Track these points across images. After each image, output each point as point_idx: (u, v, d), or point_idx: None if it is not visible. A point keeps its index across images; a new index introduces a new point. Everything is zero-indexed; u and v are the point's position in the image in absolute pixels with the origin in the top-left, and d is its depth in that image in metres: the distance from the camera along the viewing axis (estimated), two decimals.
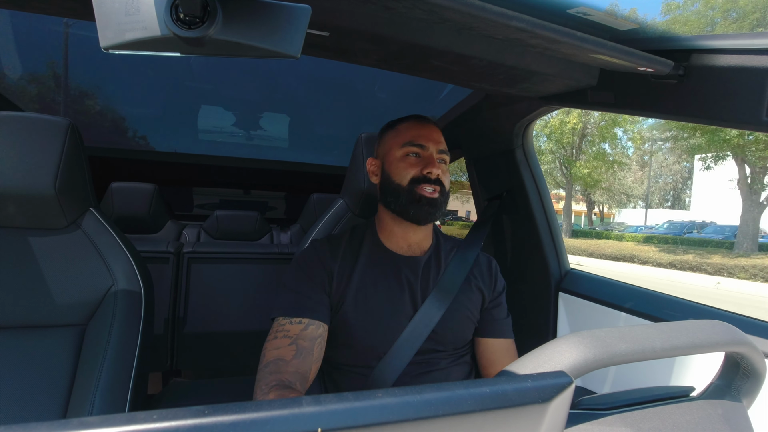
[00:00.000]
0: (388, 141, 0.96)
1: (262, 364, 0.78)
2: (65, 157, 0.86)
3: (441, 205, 0.90)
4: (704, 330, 0.46)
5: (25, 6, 0.69)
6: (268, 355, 0.79)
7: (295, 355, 0.78)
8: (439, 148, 0.93)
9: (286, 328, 0.81)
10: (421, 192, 0.88)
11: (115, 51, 0.40)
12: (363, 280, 0.89)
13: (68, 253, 0.88)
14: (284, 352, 0.78)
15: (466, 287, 0.95)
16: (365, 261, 0.92)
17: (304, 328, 0.81)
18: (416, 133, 0.92)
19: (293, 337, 0.80)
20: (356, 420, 0.27)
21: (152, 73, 2.04)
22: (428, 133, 0.93)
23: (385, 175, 0.94)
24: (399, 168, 0.91)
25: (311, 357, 0.80)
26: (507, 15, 0.63)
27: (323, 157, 2.82)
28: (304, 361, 0.78)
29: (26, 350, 0.81)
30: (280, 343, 0.80)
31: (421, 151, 0.91)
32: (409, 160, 0.91)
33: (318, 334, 0.83)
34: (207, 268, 1.69)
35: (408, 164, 0.90)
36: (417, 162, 0.90)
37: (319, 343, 0.83)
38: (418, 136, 0.92)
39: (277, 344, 0.80)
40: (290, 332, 0.81)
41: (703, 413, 0.47)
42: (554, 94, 1.08)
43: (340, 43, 0.81)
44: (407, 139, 0.92)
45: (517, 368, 0.42)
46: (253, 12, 0.42)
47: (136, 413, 0.24)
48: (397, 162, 0.91)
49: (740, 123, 0.74)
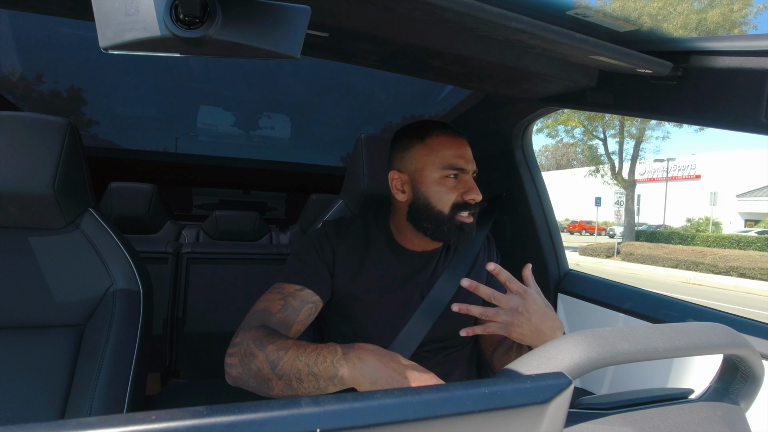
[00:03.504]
0: (419, 157, 0.88)
1: (250, 312, 0.80)
2: (64, 156, 0.86)
3: (475, 225, 0.90)
4: (704, 332, 0.46)
5: (25, 6, 0.69)
6: (257, 305, 0.81)
7: (281, 309, 0.79)
8: (474, 167, 0.89)
9: (282, 286, 0.83)
10: (462, 220, 0.86)
11: (114, 51, 0.40)
12: (374, 274, 0.89)
13: (67, 253, 0.88)
14: (273, 305, 0.80)
15: (471, 275, 0.96)
16: (378, 255, 0.91)
17: (299, 290, 0.83)
18: (455, 153, 0.87)
19: (284, 294, 0.82)
20: (355, 420, 0.27)
21: (152, 73, 2.04)
22: (464, 151, 0.88)
23: (420, 196, 0.88)
24: (439, 192, 0.86)
25: (296, 316, 0.80)
26: (506, 16, 0.63)
27: (323, 157, 2.82)
28: (288, 316, 0.79)
29: (24, 350, 0.81)
30: (271, 297, 0.82)
31: (461, 174, 0.87)
32: (448, 183, 0.86)
33: (310, 300, 0.83)
34: (206, 268, 1.69)
35: (447, 188, 0.86)
36: (456, 185, 0.86)
37: (309, 308, 0.83)
38: (458, 157, 0.87)
39: (268, 297, 0.82)
40: (284, 290, 0.83)
41: (703, 415, 0.47)
42: (553, 95, 1.09)
43: (339, 44, 0.81)
44: (446, 160, 0.86)
45: (519, 367, 0.42)
46: (253, 12, 0.42)
47: (135, 414, 0.24)
48: (436, 185, 0.86)
49: (739, 125, 0.74)
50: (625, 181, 17.18)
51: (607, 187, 19.24)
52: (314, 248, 0.89)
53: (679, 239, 17.78)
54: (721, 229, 21.11)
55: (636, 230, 19.18)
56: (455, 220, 0.86)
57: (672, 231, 19.40)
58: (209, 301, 1.68)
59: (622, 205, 17.70)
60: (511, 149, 1.40)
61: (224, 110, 2.43)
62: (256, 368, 0.66)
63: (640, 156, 17.69)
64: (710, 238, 16.62)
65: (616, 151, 17.50)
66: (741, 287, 10.29)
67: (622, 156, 17.52)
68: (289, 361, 0.64)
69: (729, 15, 10.43)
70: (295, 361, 0.64)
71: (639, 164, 22.80)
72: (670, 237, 18.43)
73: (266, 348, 0.67)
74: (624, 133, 16.69)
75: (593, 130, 16.68)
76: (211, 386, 1.51)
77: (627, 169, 17.32)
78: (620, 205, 17.76)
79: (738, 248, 14.83)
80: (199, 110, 2.41)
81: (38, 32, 1.73)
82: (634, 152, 17.34)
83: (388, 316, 0.88)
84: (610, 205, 19.85)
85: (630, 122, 15.98)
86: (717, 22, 9.62)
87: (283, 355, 0.65)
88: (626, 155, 17.51)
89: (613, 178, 17.37)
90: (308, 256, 0.88)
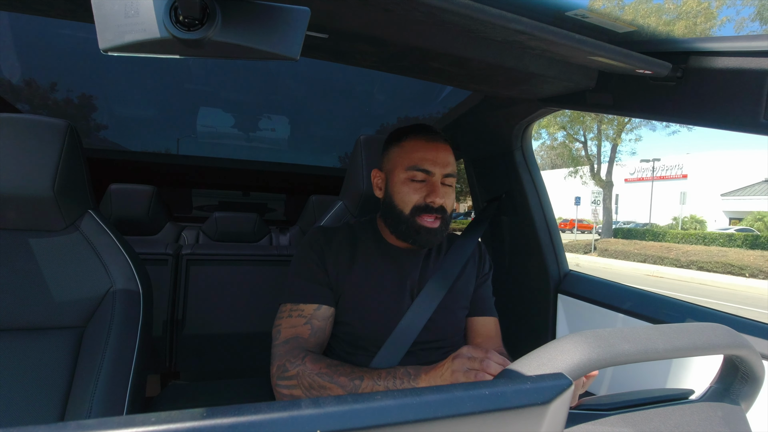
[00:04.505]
0: (393, 157, 0.92)
1: (279, 340, 0.81)
2: (64, 158, 0.86)
3: (442, 231, 0.89)
4: (704, 332, 0.46)
5: (25, 8, 0.69)
6: (285, 332, 0.82)
7: (311, 334, 0.82)
8: (445, 171, 0.88)
9: (300, 308, 0.84)
10: (421, 222, 0.86)
11: (114, 53, 0.40)
12: (363, 272, 0.89)
13: (66, 255, 0.88)
14: (301, 330, 0.82)
15: (461, 278, 0.96)
16: (365, 253, 0.92)
17: (317, 309, 0.85)
18: (422, 155, 0.87)
19: (308, 317, 0.83)
20: (355, 422, 0.27)
21: (151, 74, 2.04)
22: (435, 155, 0.87)
23: (388, 194, 0.91)
24: (401, 193, 0.88)
25: (325, 335, 0.85)
26: (506, 17, 0.63)
27: (322, 158, 2.82)
28: (320, 338, 0.83)
29: (24, 352, 0.81)
30: (295, 322, 0.83)
31: (427, 177, 0.87)
32: (412, 186, 0.87)
33: (329, 314, 0.86)
34: (206, 270, 1.69)
35: (411, 189, 0.87)
36: (420, 188, 0.87)
37: (330, 322, 0.86)
38: (424, 159, 0.87)
39: (292, 323, 0.83)
40: (304, 312, 0.84)
41: (704, 415, 0.47)
42: (553, 96, 1.09)
43: (338, 45, 0.81)
44: (412, 162, 0.87)
45: (519, 367, 0.42)
46: (252, 14, 0.42)
47: (135, 416, 0.24)
48: (400, 185, 0.88)
49: (738, 125, 0.74)
50: (602, 181, 18.07)
51: (585, 187, 20.20)
52: (309, 258, 0.89)
53: (652, 236, 18.52)
54: (705, 227, 21.70)
55: (614, 228, 20.13)
56: (414, 222, 0.86)
57: (646, 229, 20.11)
58: (209, 303, 1.67)
59: (599, 204, 18.47)
60: (511, 150, 1.40)
61: (223, 112, 2.43)
62: None
63: (617, 158, 18.85)
64: (679, 235, 17.47)
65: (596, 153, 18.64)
66: (696, 279, 11.16)
67: (600, 157, 18.60)
68: (367, 388, 0.70)
69: (693, 28, 10.73)
70: (374, 387, 0.70)
71: (627, 164, 23.92)
72: (644, 234, 19.10)
73: (338, 379, 0.72)
74: (602, 135, 17.62)
75: (575, 134, 17.71)
76: (211, 388, 1.51)
77: (606, 170, 18.35)
78: (597, 204, 18.52)
79: (703, 244, 15.64)
80: (198, 112, 2.41)
81: (37, 34, 1.73)
82: (611, 154, 18.48)
83: (378, 317, 0.88)
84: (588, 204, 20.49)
85: (606, 126, 16.78)
86: (682, 35, 9.95)
87: (359, 384, 0.71)
88: (606, 157, 18.75)
89: (592, 179, 18.30)
90: (308, 269, 0.88)
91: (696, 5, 0.93)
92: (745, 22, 2.52)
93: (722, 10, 1.58)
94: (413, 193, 0.87)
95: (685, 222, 22.06)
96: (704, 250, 13.34)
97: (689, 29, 10.87)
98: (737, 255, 12.18)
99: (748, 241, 15.04)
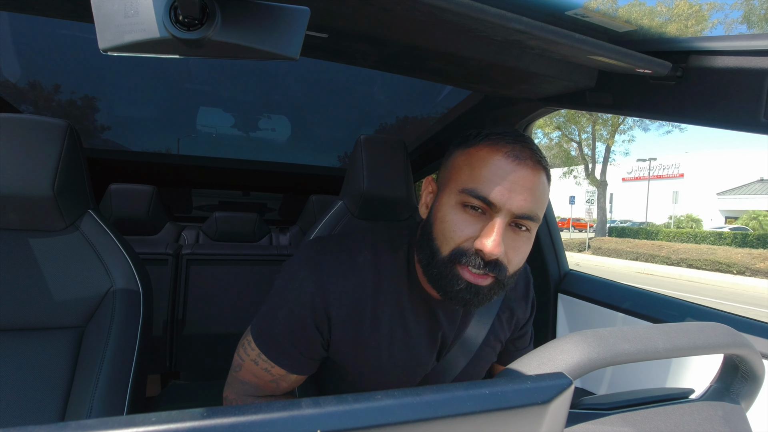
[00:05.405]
0: (452, 166, 0.64)
1: (238, 375, 0.73)
2: (63, 158, 0.86)
3: (491, 293, 0.61)
4: (704, 332, 0.46)
5: (25, 8, 0.69)
6: (246, 375, 0.72)
7: (273, 390, 0.74)
8: (520, 211, 0.57)
9: (271, 364, 0.69)
10: (461, 273, 0.59)
11: (113, 53, 0.40)
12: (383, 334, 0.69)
13: (66, 255, 0.88)
14: (263, 384, 0.72)
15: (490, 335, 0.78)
16: (391, 305, 0.69)
17: (286, 375, 0.71)
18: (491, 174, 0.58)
19: (276, 377, 0.71)
20: (355, 422, 0.27)
21: (151, 74, 2.04)
22: (513, 180, 0.57)
23: (430, 219, 0.65)
24: (446, 221, 0.61)
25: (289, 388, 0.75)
26: (506, 17, 0.63)
27: (322, 158, 2.82)
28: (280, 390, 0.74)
29: (24, 353, 0.81)
30: (260, 374, 0.71)
31: (487, 209, 0.58)
32: (465, 216, 0.60)
33: (300, 379, 0.74)
34: (206, 269, 1.69)
35: (461, 220, 0.60)
36: (476, 221, 0.59)
37: (301, 379, 0.74)
38: (490, 181, 0.58)
39: (256, 372, 0.70)
40: (273, 371, 0.70)
41: (704, 414, 0.47)
42: (553, 95, 1.09)
43: (338, 45, 0.81)
44: (473, 181, 0.59)
45: (520, 367, 0.42)
46: (252, 14, 0.42)
47: (135, 416, 0.24)
48: (448, 209, 0.61)
49: (738, 125, 0.74)
50: (596, 181, 18.42)
51: (579, 187, 20.75)
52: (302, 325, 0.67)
53: (646, 235, 18.76)
54: (701, 226, 21.95)
55: (609, 226, 20.55)
56: (452, 269, 0.60)
57: (640, 228, 20.36)
58: (209, 303, 1.68)
59: (593, 203, 18.79)
60: None
61: (223, 111, 2.43)
62: None
63: (611, 158, 19.19)
64: (671, 233, 17.71)
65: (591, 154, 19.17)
66: (685, 276, 11.49)
67: (595, 157, 19.00)
68: None
69: (685, 30, 10.90)
70: None
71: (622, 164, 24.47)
72: (638, 233, 19.32)
73: None
74: (596, 136, 18.06)
75: (569, 134, 18.13)
76: (212, 387, 1.51)
77: (600, 170, 18.82)
78: (591, 203, 18.77)
79: (694, 243, 15.92)
80: (198, 112, 2.41)
81: (36, 34, 1.73)
82: (605, 155, 18.77)
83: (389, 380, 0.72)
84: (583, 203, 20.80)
85: (599, 127, 17.01)
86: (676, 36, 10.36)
87: None
88: (601, 157, 19.14)
89: (587, 178, 18.70)
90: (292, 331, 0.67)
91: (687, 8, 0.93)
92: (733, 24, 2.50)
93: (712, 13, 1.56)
94: (463, 226, 0.59)
95: (681, 221, 22.35)
96: (694, 248, 13.58)
97: (681, 32, 11.14)
98: (725, 253, 12.47)
99: (738, 239, 15.30)
